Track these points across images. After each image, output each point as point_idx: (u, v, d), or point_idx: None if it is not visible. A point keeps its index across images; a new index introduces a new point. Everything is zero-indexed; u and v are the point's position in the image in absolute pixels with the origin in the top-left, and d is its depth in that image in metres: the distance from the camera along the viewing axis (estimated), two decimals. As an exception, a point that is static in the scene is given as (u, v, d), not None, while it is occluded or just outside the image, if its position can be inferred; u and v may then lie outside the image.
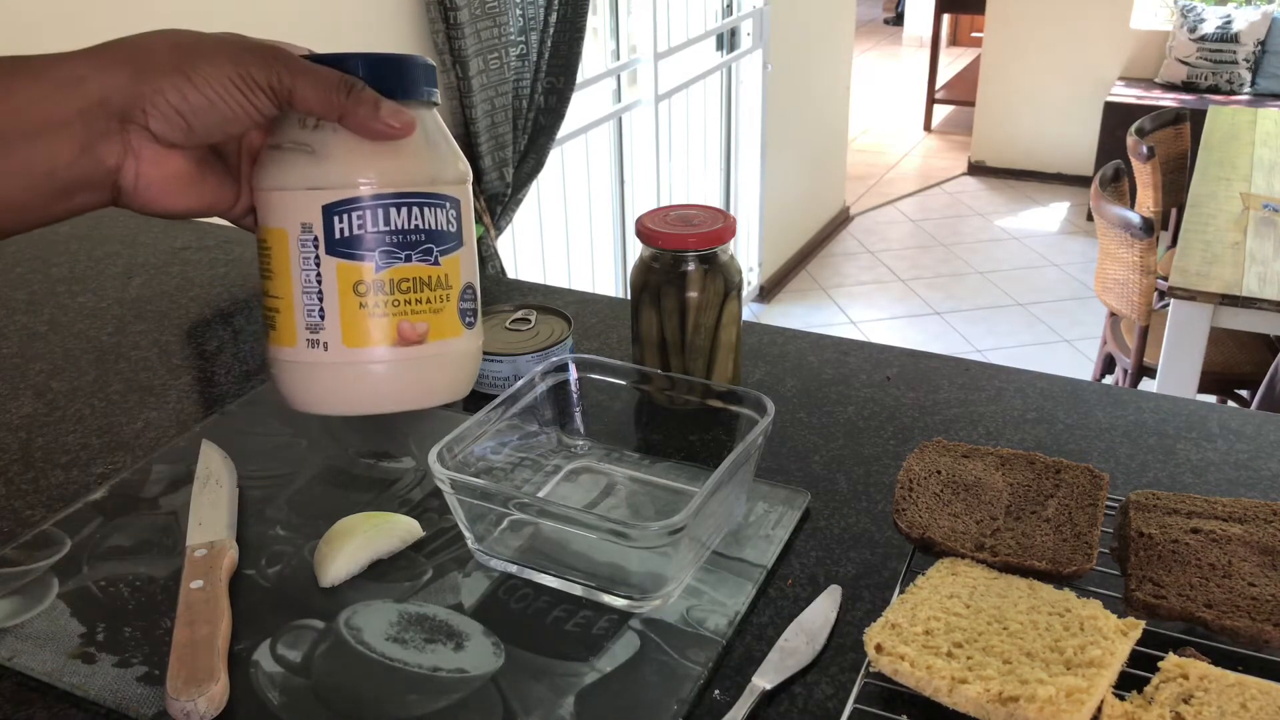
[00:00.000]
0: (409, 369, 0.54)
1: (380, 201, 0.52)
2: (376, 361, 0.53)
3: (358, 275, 0.53)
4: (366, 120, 0.50)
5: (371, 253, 0.52)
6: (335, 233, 0.52)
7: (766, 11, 3.76)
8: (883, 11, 9.26)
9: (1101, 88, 5.16)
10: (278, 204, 0.53)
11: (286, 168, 0.52)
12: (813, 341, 0.99)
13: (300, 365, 0.54)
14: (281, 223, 0.53)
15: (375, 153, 0.52)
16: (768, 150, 3.98)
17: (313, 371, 0.54)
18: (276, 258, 0.53)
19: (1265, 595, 0.58)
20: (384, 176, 0.52)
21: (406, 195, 0.53)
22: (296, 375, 0.55)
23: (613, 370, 0.80)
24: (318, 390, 0.55)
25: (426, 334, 0.54)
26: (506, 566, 0.69)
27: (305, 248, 0.53)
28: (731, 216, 0.84)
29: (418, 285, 0.54)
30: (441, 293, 0.54)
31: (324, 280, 0.53)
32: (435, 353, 0.54)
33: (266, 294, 0.55)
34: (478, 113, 2.28)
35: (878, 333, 4.08)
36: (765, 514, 0.74)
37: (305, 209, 0.52)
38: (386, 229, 0.53)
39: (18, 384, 0.94)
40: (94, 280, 1.15)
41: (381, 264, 0.53)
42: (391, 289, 0.53)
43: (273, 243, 0.53)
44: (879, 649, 0.56)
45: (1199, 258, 2.44)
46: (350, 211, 0.52)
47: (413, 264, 0.53)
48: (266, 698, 0.60)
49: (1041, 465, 0.69)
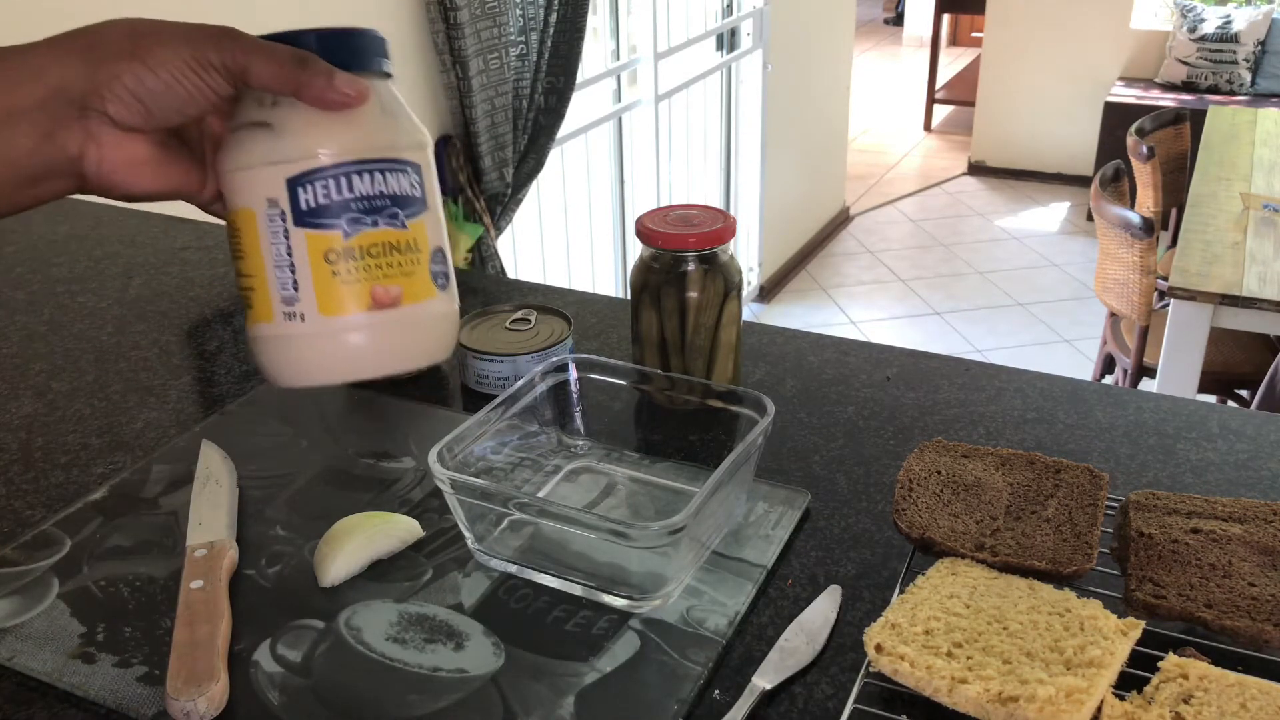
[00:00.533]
0: (386, 332, 0.55)
1: (342, 169, 0.53)
2: (354, 328, 0.54)
3: (327, 244, 0.53)
4: (322, 91, 0.51)
5: (338, 220, 0.53)
6: (301, 204, 0.53)
7: (766, 11, 3.76)
8: (883, 11, 9.26)
9: (1101, 88, 5.16)
10: (242, 183, 0.53)
11: (247, 146, 0.53)
12: (813, 341, 0.99)
13: (280, 339, 0.55)
14: (248, 202, 0.54)
15: (333, 123, 0.53)
16: (768, 150, 3.98)
17: (293, 343, 0.55)
18: (246, 237, 0.54)
19: (1265, 595, 0.58)
20: (344, 145, 0.53)
21: (367, 162, 0.54)
22: (278, 349, 0.55)
23: (613, 370, 0.80)
24: (300, 362, 0.55)
25: (400, 297, 0.54)
26: (506, 566, 0.69)
27: (273, 222, 0.53)
28: (731, 216, 0.84)
29: (387, 249, 0.54)
30: (412, 256, 0.55)
31: (295, 252, 0.53)
32: (411, 315, 0.55)
33: (240, 274, 0.55)
34: (478, 113, 2.28)
35: (878, 333, 4.08)
36: (765, 514, 0.74)
37: (269, 184, 0.53)
38: (351, 196, 0.53)
39: (18, 384, 0.94)
40: (94, 280, 1.15)
41: (349, 231, 0.53)
42: (362, 255, 0.54)
43: (241, 223, 0.54)
44: (879, 649, 0.56)
45: (1199, 258, 2.45)
46: (314, 182, 0.53)
47: (380, 229, 0.54)
48: (266, 698, 0.60)
49: (1041, 465, 0.69)
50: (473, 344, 0.89)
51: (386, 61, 0.56)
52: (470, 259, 2.46)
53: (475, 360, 0.89)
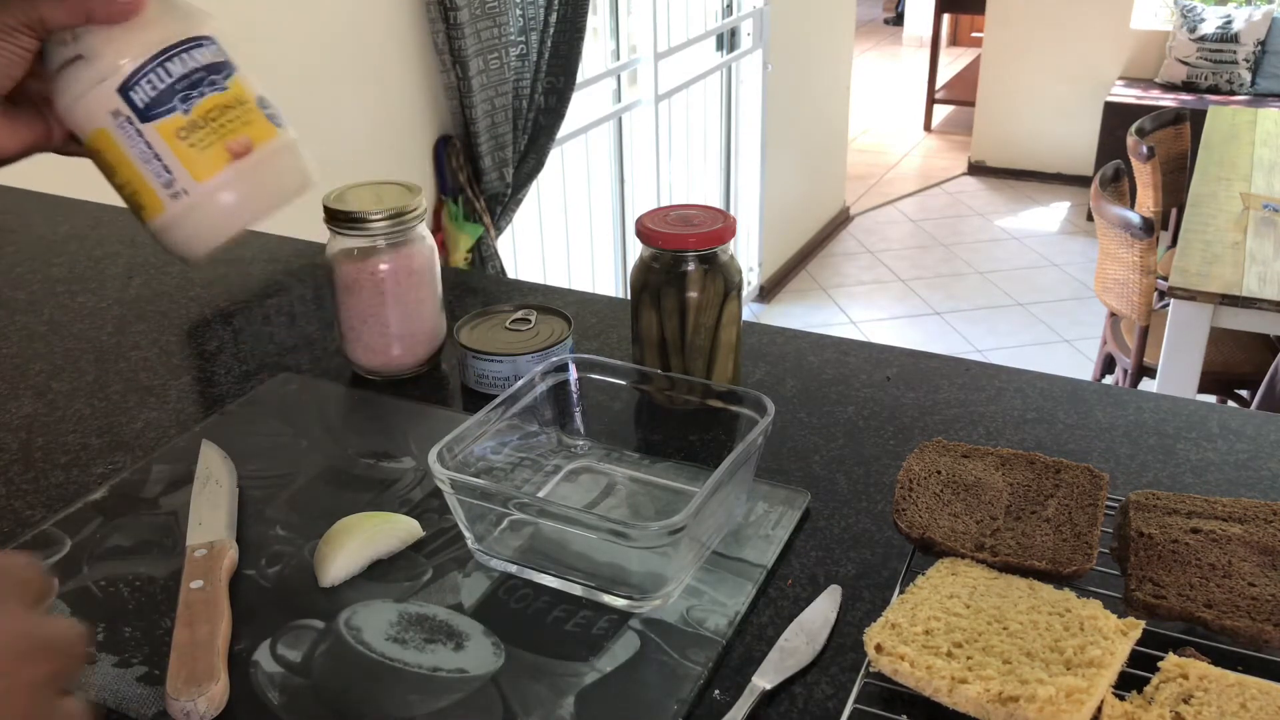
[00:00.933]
0: (256, 175, 0.65)
1: (155, 62, 0.62)
2: (228, 181, 0.64)
3: (175, 125, 0.63)
4: (108, 9, 0.59)
5: (173, 103, 0.63)
6: (139, 104, 0.62)
7: (766, 11, 3.76)
8: (883, 11, 9.26)
9: (1101, 88, 5.16)
10: (85, 111, 0.62)
11: (73, 79, 0.61)
12: (813, 341, 0.99)
13: (178, 217, 0.63)
14: (98, 123, 0.62)
15: (130, 31, 0.62)
16: (768, 150, 3.98)
17: (190, 216, 0.64)
18: (110, 152, 0.63)
19: (1265, 595, 0.58)
20: (147, 43, 0.62)
21: (171, 48, 0.63)
22: (180, 227, 0.64)
23: (613, 370, 0.80)
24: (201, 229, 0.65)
25: (251, 143, 0.65)
26: (506, 566, 0.69)
27: (125, 129, 0.62)
28: (731, 216, 0.84)
29: (222, 110, 0.65)
30: (243, 109, 0.65)
31: (154, 144, 0.63)
32: (267, 154, 0.65)
33: (118, 187, 0.64)
34: (478, 113, 2.29)
35: (878, 333, 4.08)
36: (765, 514, 0.74)
37: (107, 101, 0.62)
38: (173, 80, 0.63)
39: (18, 384, 0.94)
40: (94, 280, 1.15)
41: (185, 108, 0.63)
42: (205, 122, 0.64)
43: (101, 143, 0.63)
44: (879, 649, 0.56)
45: (1199, 258, 2.45)
46: (139, 83, 0.62)
47: (208, 96, 0.64)
48: (266, 698, 0.60)
49: (1041, 465, 0.69)
50: (473, 344, 0.89)
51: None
52: (470, 259, 2.46)
53: (475, 360, 0.89)
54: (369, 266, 0.88)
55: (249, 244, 1.20)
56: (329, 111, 2.09)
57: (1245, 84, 4.91)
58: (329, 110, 2.09)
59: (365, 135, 2.20)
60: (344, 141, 2.14)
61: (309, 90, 2.02)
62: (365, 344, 0.91)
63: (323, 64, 2.05)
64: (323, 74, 2.05)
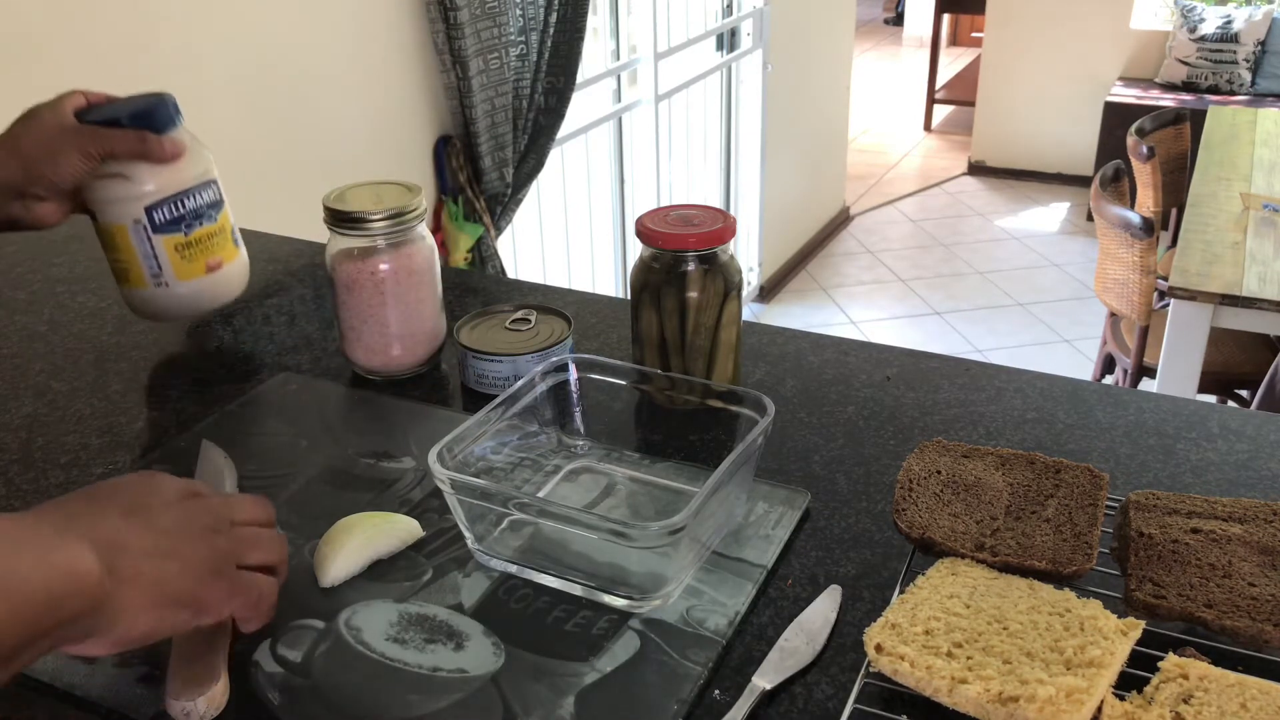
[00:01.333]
0: (217, 283, 0.95)
1: (177, 196, 0.89)
2: (201, 286, 0.93)
3: (176, 240, 0.90)
4: (159, 154, 0.87)
5: (180, 226, 0.90)
6: (156, 221, 0.89)
7: (766, 11, 3.76)
8: (883, 11, 9.26)
9: (1101, 88, 5.16)
10: (114, 212, 0.88)
11: (114, 189, 0.87)
12: (813, 341, 0.99)
13: (153, 297, 0.93)
14: (119, 222, 0.89)
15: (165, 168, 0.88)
16: (768, 150, 3.98)
17: (163, 299, 0.93)
18: (120, 241, 0.90)
19: (1265, 595, 0.58)
20: (174, 181, 0.89)
21: (190, 189, 0.90)
22: (152, 303, 0.93)
23: (613, 370, 0.80)
24: (169, 310, 0.94)
25: (222, 262, 0.94)
26: (506, 566, 0.69)
27: (139, 234, 0.89)
28: (731, 216, 0.84)
29: (209, 236, 0.92)
30: (223, 236, 0.94)
31: (157, 250, 0.90)
32: (230, 268, 0.95)
33: (111, 260, 0.91)
34: (478, 113, 2.29)
35: (878, 333, 4.08)
36: (765, 514, 0.74)
37: (134, 212, 0.88)
38: (185, 211, 0.90)
39: (18, 384, 0.94)
40: (94, 280, 1.15)
41: (188, 231, 0.91)
42: (196, 242, 0.91)
43: (115, 232, 0.89)
44: (879, 649, 0.56)
45: (1199, 258, 2.45)
46: (161, 207, 0.89)
47: (205, 226, 0.92)
48: (266, 698, 0.60)
49: (1041, 465, 0.69)
50: (473, 344, 0.89)
51: (181, 116, 0.90)
52: (470, 259, 2.46)
53: (475, 360, 0.89)
54: (369, 266, 0.88)
55: (249, 244, 1.20)
56: (329, 111, 2.09)
57: (1245, 84, 4.91)
58: (329, 110, 2.09)
59: (365, 135, 2.20)
60: (344, 141, 2.14)
61: (309, 90, 2.02)
62: (365, 344, 0.91)
63: (323, 64, 2.05)
64: (323, 74, 2.05)
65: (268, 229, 1.26)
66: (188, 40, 1.76)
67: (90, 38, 1.58)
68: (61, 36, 1.54)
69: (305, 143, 2.04)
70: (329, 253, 0.89)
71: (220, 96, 1.84)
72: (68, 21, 1.53)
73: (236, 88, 1.86)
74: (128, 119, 0.86)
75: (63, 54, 1.54)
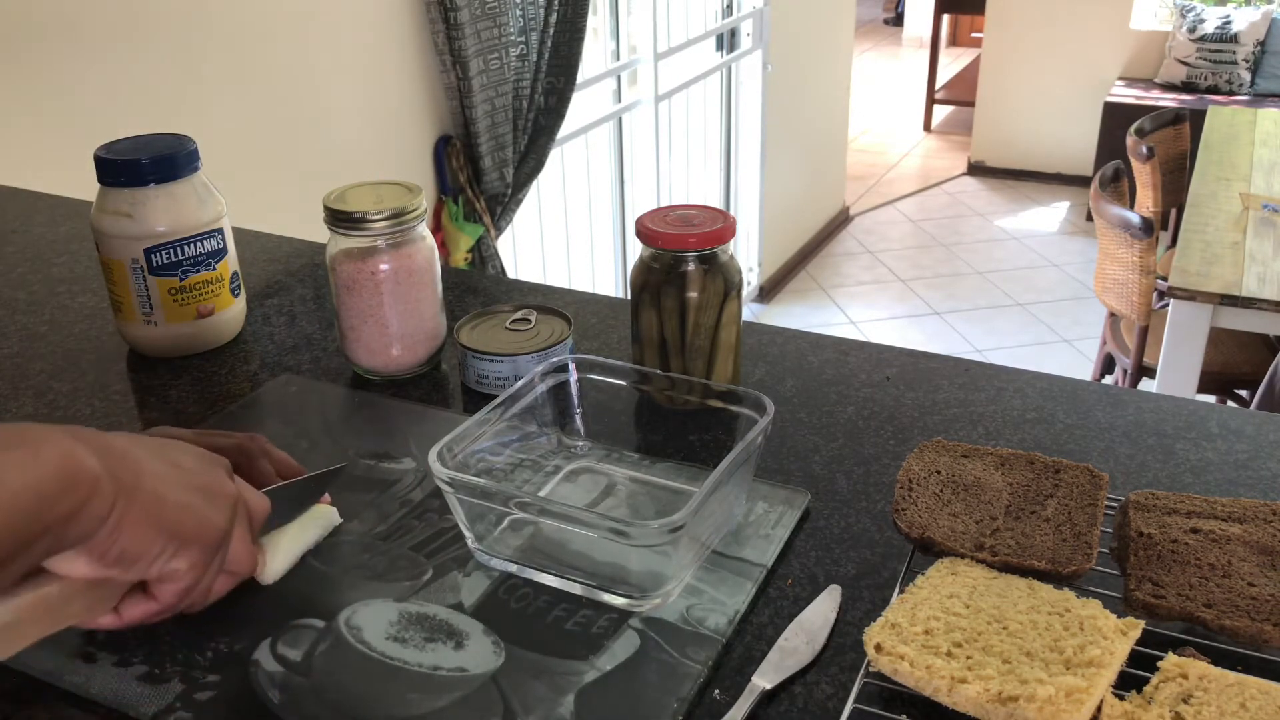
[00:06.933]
0: (207, 329, 0.96)
1: (177, 242, 0.91)
2: (188, 330, 0.95)
3: (171, 284, 0.93)
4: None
5: (176, 271, 0.92)
6: (153, 264, 0.91)
7: (766, 11, 3.76)
8: (883, 11, 9.26)
9: (1101, 88, 5.16)
10: (116, 246, 0.91)
11: (120, 225, 0.90)
12: (813, 341, 0.99)
13: (144, 333, 0.95)
14: (118, 258, 0.92)
15: (170, 211, 0.90)
16: (768, 150, 3.98)
17: (152, 337, 0.95)
18: (117, 275, 0.93)
19: (1265, 595, 0.58)
20: (179, 227, 0.91)
21: (193, 236, 0.92)
22: (141, 337, 0.95)
23: (613, 370, 0.80)
24: (155, 347, 0.96)
25: (213, 310, 0.96)
26: (506, 566, 0.69)
27: (135, 272, 0.92)
28: (731, 216, 0.84)
29: (205, 284, 0.94)
30: (220, 284, 0.95)
31: (150, 290, 0.93)
32: (221, 316, 0.96)
33: (110, 289, 0.94)
34: (478, 113, 2.29)
35: (878, 333, 4.08)
36: (765, 514, 0.74)
37: (133, 250, 0.91)
38: (183, 257, 0.92)
39: (18, 384, 0.94)
40: (94, 280, 1.15)
41: (183, 276, 0.93)
42: (191, 289, 0.93)
43: (114, 267, 0.92)
44: (879, 649, 0.56)
45: (1199, 258, 2.45)
46: (159, 250, 0.91)
47: (201, 273, 0.94)
48: (267, 697, 0.60)
49: (1041, 465, 0.70)
50: (473, 344, 0.89)
51: (199, 161, 0.92)
52: (470, 259, 2.46)
53: (475, 360, 0.89)
54: (369, 266, 0.88)
55: (249, 244, 1.20)
56: (329, 111, 2.09)
57: (1245, 84, 4.91)
58: (329, 110, 2.09)
59: (365, 135, 2.20)
60: (344, 142, 2.14)
61: (309, 90, 2.03)
62: (365, 344, 0.91)
63: (323, 64, 2.05)
64: (323, 74, 2.05)
65: (268, 229, 1.27)
66: (188, 40, 1.76)
67: (90, 37, 1.58)
68: (62, 36, 1.54)
69: (305, 143, 2.05)
70: (329, 253, 0.89)
71: (220, 96, 1.84)
72: (68, 22, 1.54)
73: (237, 87, 1.86)
74: (149, 161, 0.89)
75: (63, 53, 1.54)
